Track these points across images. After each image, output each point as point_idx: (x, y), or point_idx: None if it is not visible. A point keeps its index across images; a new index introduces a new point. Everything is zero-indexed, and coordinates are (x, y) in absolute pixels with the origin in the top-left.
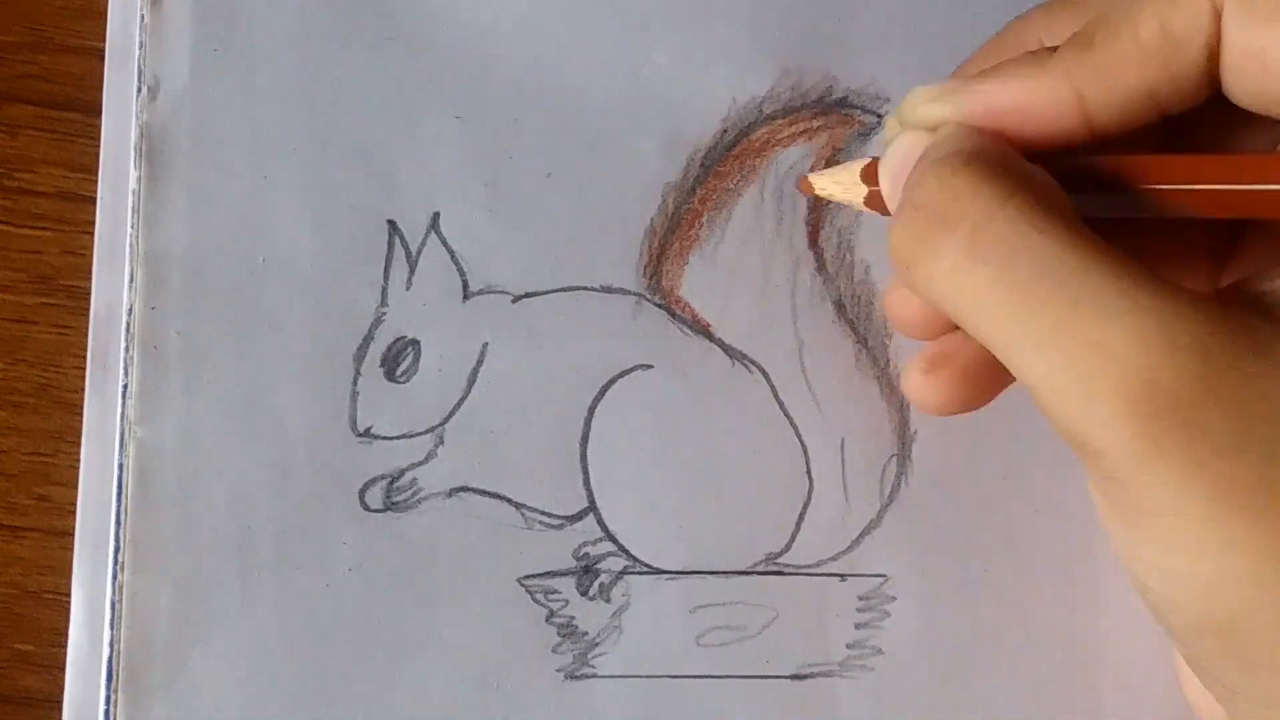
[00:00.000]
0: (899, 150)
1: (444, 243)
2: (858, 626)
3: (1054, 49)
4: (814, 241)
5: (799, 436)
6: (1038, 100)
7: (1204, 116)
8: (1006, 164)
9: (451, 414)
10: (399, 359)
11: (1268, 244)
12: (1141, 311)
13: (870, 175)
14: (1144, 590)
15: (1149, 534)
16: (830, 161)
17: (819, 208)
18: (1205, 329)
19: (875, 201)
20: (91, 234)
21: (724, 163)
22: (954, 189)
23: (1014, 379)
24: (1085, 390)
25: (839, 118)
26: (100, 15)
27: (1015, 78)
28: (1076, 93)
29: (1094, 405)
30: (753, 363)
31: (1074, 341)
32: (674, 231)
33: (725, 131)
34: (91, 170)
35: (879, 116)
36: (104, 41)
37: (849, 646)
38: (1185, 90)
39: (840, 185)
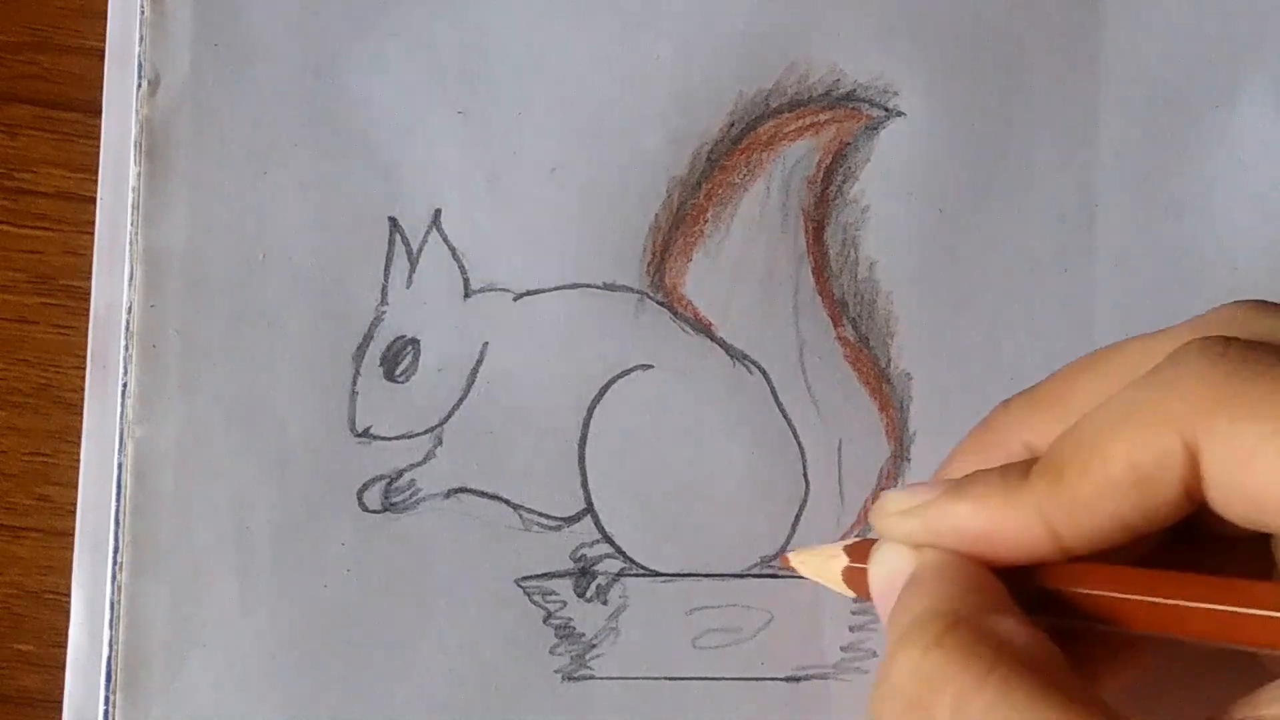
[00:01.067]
0: (881, 570)
1: (445, 240)
2: (852, 629)
3: (1027, 468)
4: (818, 238)
5: (797, 438)
6: (1007, 530)
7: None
8: (985, 631)
9: (450, 414)
10: (398, 358)
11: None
12: None
13: (855, 554)
14: None
15: None
16: (837, 156)
17: (824, 204)
18: None
19: (856, 581)
20: (91, 234)
21: (730, 157)
22: (927, 671)
23: None
24: None
25: (846, 111)
26: (100, 15)
27: (985, 502)
28: (1047, 525)
29: None
30: (753, 363)
31: None
32: (679, 227)
33: (732, 125)
34: (91, 170)
35: (886, 110)
36: (104, 41)
37: (844, 649)
38: (1163, 517)
39: (821, 561)
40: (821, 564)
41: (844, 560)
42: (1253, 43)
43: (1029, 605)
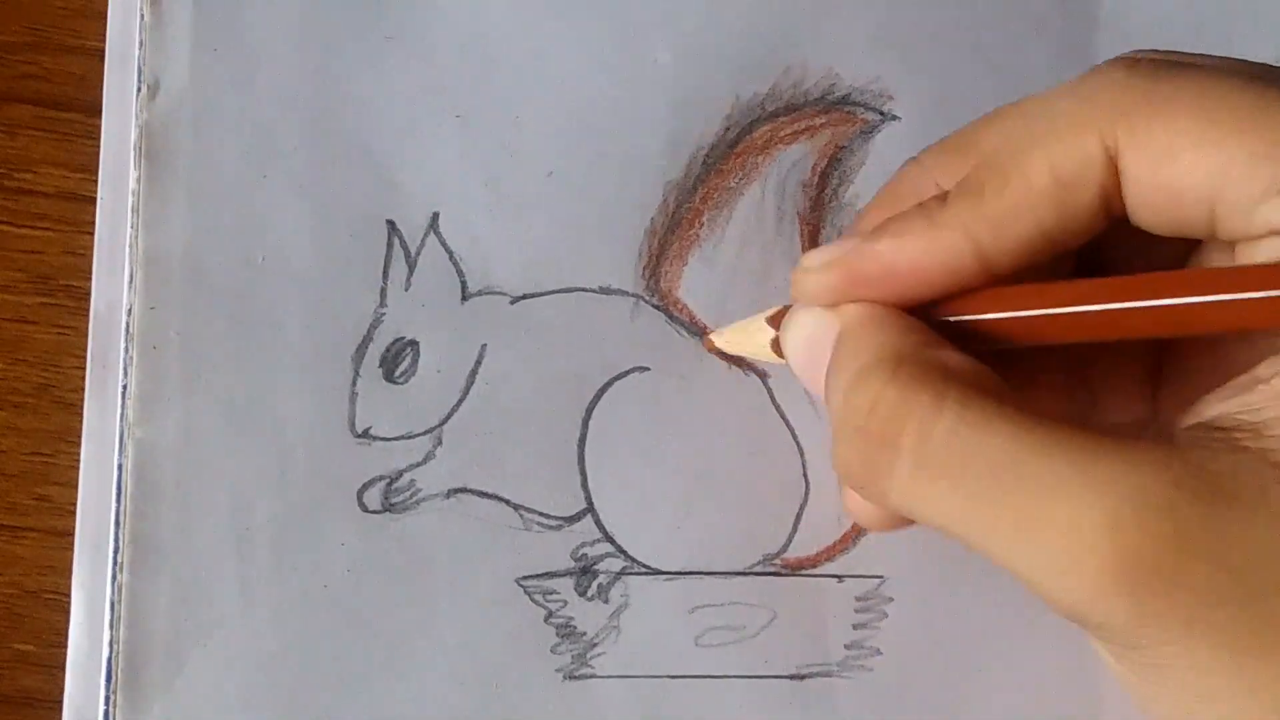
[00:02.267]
0: (800, 333)
1: (443, 243)
2: (855, 627)
3: (943, 198)
4: (814, 242)
5: (796, 438)
6: (933, 256)
7: (1108, 239)
8: (931, 363)
9: (450, 415)
10: (398, 360)
11: (1198, 359)
12: (1102, 485)
13: (777, 322)
14: None
15: (1163, 687)
16: (833, 160)
17: (820, 207)
18: (1169, 483)
19: (780, 348)
20: (91, 234)
21: (726, 161)
22: (887, 405)
23: None
24: (1069, 574)
25: (842, 115)
26: (100, 15)
27: (907, 235)
28: (972, 243)
29: (1080, 586)
30: (750, 365)
31: (1045, 531)
32: (674, 231)
33: (728, 129)
34: (91, 170)
35: (882, 114)
36: (104, 41)
37: (847, 647)
38: (1081, 229)
39: (744, 336)
40: (747, 339)
41: (770, 331)
42: (1252, 43)
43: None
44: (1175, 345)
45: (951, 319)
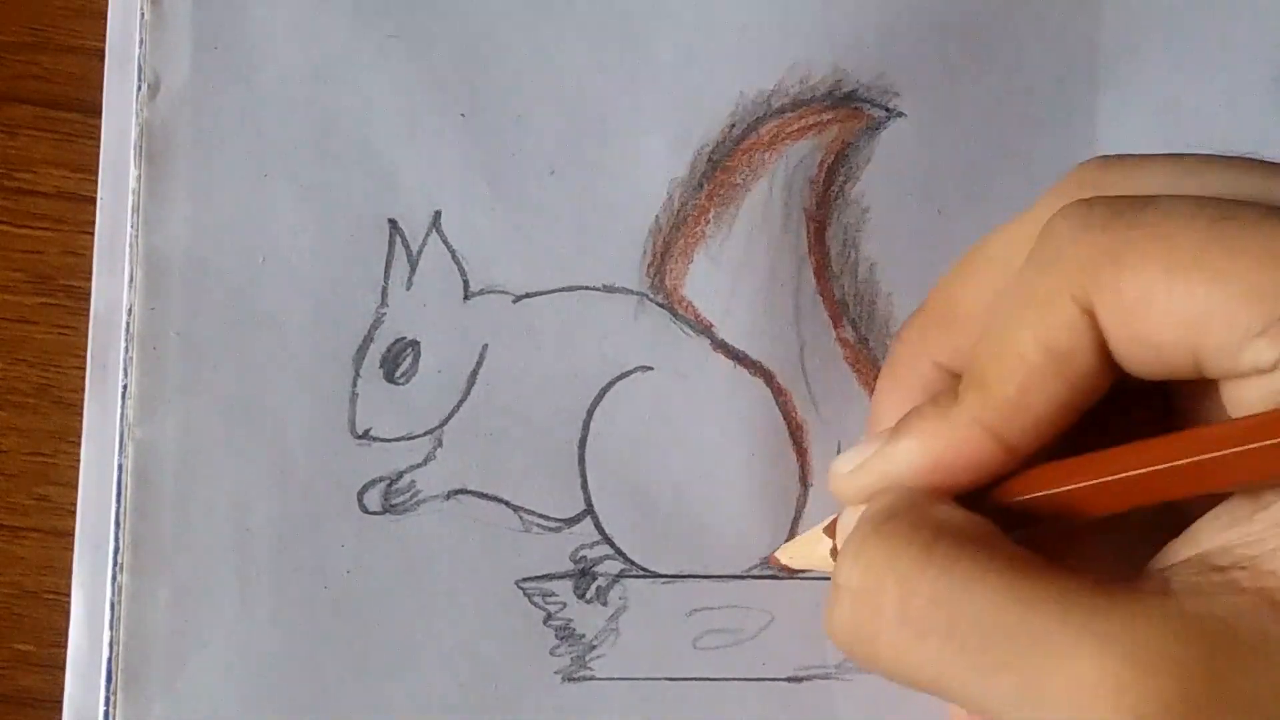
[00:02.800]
0: (844, 533)
1: (445, 242)
2: None
3: (955, 391)
4: (820, 239)
5: (796, 440)
6: (955, 451)
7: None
8: (921, 517)
9: (451, 416)
10: (398, 360)
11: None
12: (1101, 643)
13: (832, 531)
14: None
15: None
16: (839, 156)
17: (826, 204)
18: (1167, 643)
19: None
20: (91, 234)
21: (732, 158)
22: (867, 561)
23: None
24: None
25: (848, 112)
26: (100, 15)
27: (926, 434)
28: (989, 433)
29: None
30: (753, 364)
31: (1045, 696)
32: (679, 228)
33: (733, 126)
34: (91, 170)
35: (888, 111)
36: (104, 41)
37: None
38: (1092, 388)
39: (807, 549)
40: (810, 551)
41: (828, 541)
42: (1252, 42)
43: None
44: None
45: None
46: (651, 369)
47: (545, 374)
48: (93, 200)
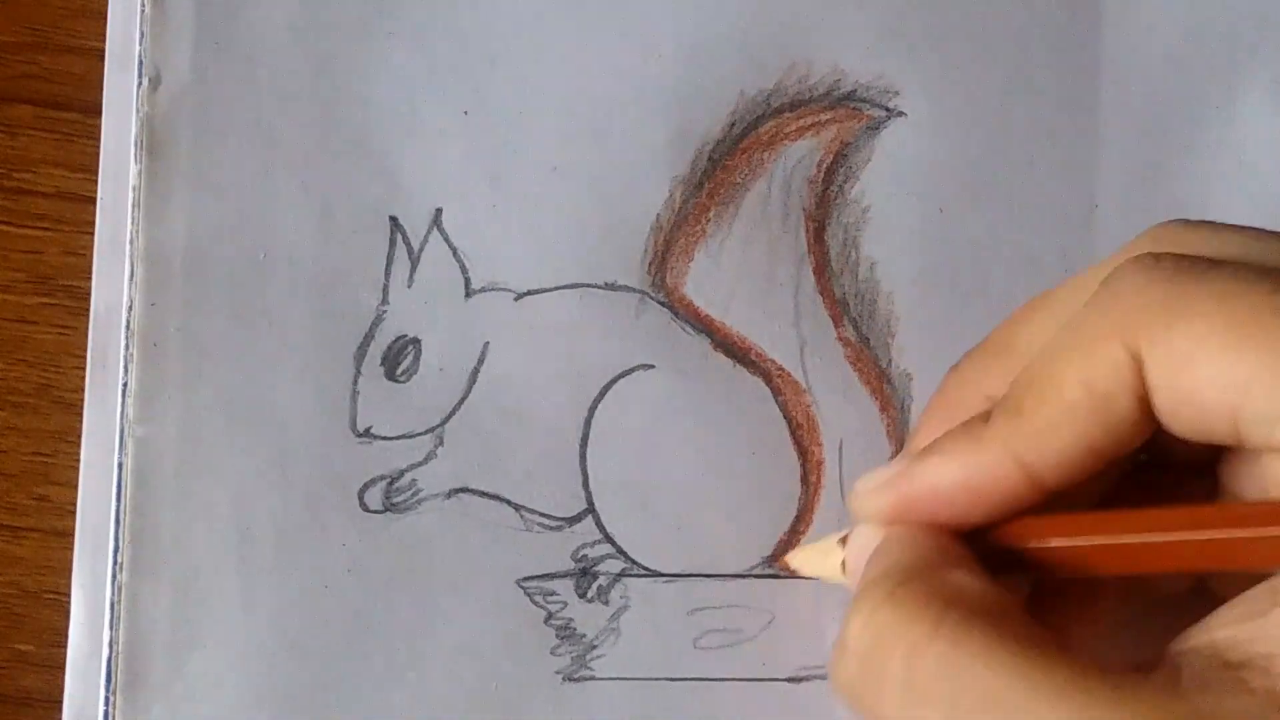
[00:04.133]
0: (854, 550)
1: (446, 239)
2: None
3: (987, 416)
4: (819, 238)
5: (797, 439)
6: (980, 474)
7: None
8: (935, 584)
9: (452, 414)
10: (399, 358)
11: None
12: None
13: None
14: None
15: None
16: (838, 156)
17: (825, 204)
18: None
19: None
20: (91, 234)
21: (732, 156)
22: (878, 627)
23: None
24: None
25: (847, 111)
26: (100, 15)
27: (953, 454)
28: (1015, 460)
29: None
30: (754, 363)
31: None
32: (680, 226)
33: (733, 125)
34: (91, 170)
35: (887, 111)
36: (104, 42)
37: None
38: (1125, 437)
39: (819, 557)
40: (821, 560)
41: (840, 552)
42: (1253, 42)
43: (1000, 568)
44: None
45: (1003, 544)
46: (653, 367)
47: (547, 372)
48: (93, 200)
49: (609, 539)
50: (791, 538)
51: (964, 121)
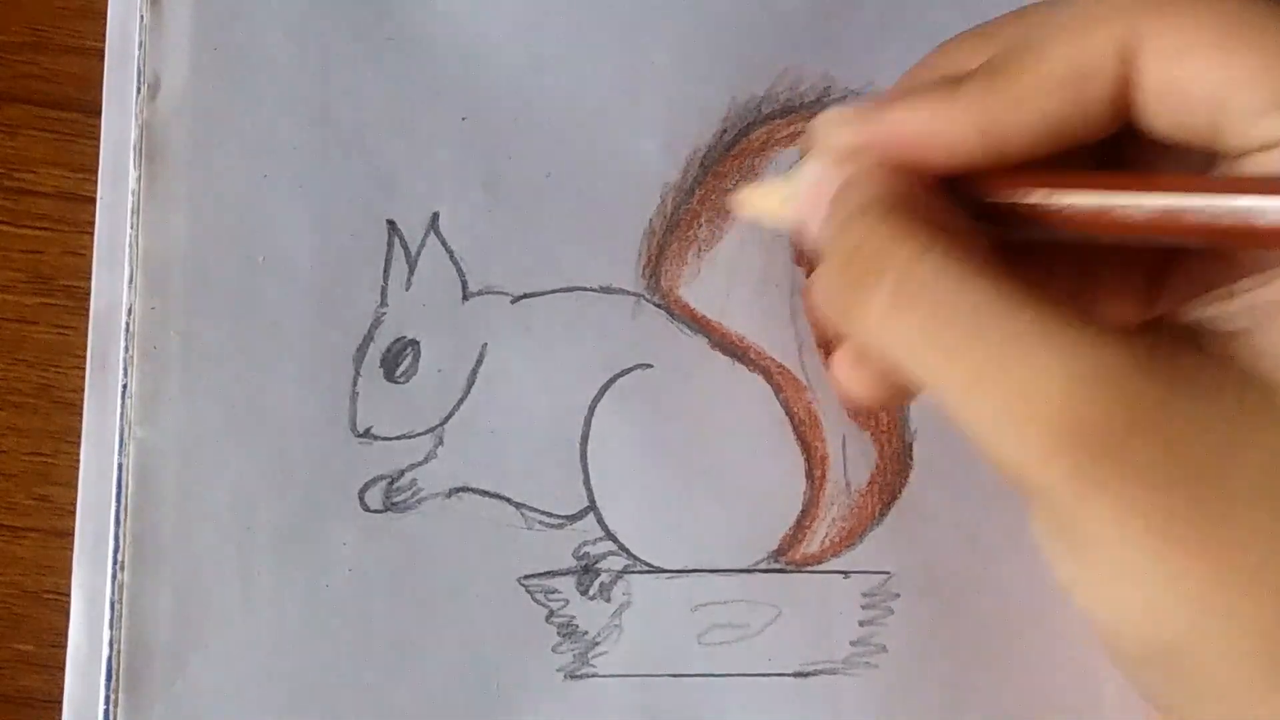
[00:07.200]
0: (808, 176)
1: (443, 243)
2: (861, 624)
3: (964, 77)
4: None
5: (800, 434)
6: (946, 127)
7: (1115, 148)
8: (926, 211)
9: (451, 414)
10: (399, 359)
11: (1196, 271)
12: (1066, 351)
13: None
14: (1091, 619)
15: (1093, 564)
16: None
17: None
18: (1131, 365)
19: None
20: (91, 234)
21: (723, 163)
22: (879, 238)
23: None
24: (1017, 431)
25: None
26: (100, 15)
27: (924, 105)
28: (984, 120)
29: (1027, 445)
30: (752, 361)
31: (1001, 385)
32: (673, 232)
33: (725, 131)
34: (91, 170)
35: None
36: (104, 41)
37: (853, 644)
38: (1093, 122)
39: (761, 195)
40: (761, 200)
41: (781, 192)
42: None
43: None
44: (1178, 254)
45: (966, 195)
46: (652, 366)
47: (545, 372)
48: (92, 200)
49: (611, 536)
50: (798, 532)
51: None
